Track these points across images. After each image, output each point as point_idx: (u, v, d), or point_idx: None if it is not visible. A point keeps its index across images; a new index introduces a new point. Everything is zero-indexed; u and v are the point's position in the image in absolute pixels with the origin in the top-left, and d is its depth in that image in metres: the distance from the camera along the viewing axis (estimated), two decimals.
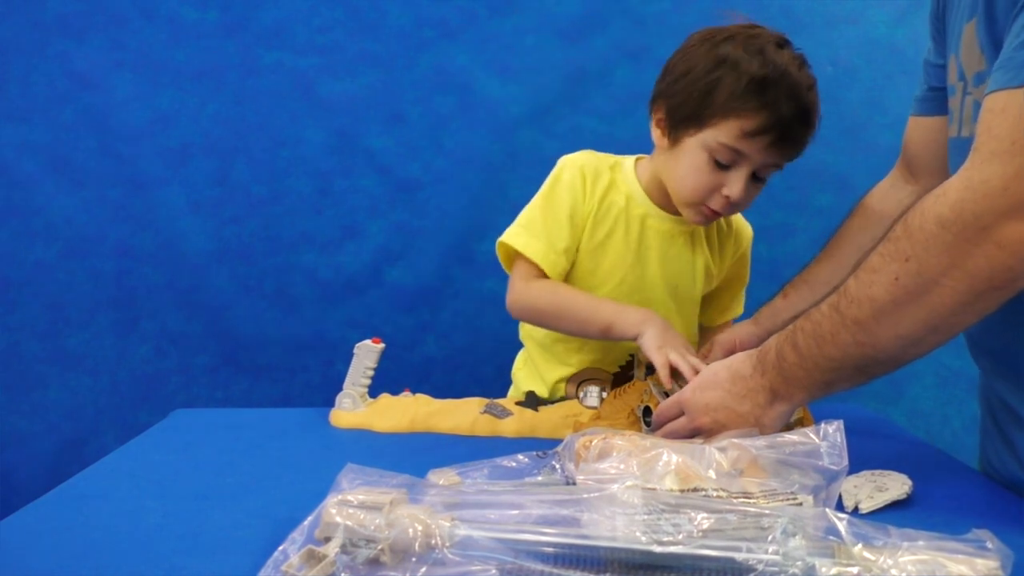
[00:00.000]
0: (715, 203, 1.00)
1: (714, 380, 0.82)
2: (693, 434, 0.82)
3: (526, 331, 1.19)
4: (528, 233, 1.06)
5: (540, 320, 1.09)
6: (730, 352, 1.02)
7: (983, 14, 0.71)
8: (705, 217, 1.03)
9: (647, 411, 0.92)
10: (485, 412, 1.00)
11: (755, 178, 1.00)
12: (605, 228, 1.08)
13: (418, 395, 1.05)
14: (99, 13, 1.52)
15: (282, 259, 1.57)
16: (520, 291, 1.06)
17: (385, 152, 1.57)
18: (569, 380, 1.12)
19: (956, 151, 0.82)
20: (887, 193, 1.05)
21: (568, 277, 1.10)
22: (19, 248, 1.52)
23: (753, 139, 0.94)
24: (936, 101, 0.93)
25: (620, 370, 1.09)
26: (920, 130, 1.00)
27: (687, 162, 0.99)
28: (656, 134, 1.05)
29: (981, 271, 0.63)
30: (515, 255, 1.08)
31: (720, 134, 0.96)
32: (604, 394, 1.02)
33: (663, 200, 1.08)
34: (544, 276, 1.06)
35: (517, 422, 0.99)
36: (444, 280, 1.58)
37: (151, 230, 1.55)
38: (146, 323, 1.56)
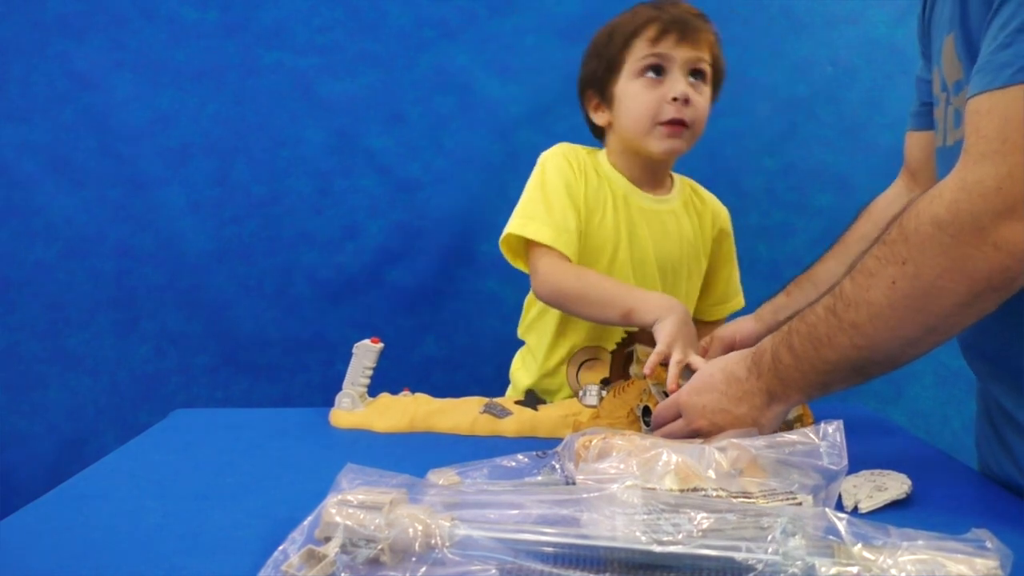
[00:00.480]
0: (668, 112, 1.05)
1: (710, 383, 0.82)
2: (691, 436, 0.82)
3: (526, 324, 1.20)
4: (534, 221, 1.07)
5: (565, 303, 1.08)
6: (729, 348, 1.02)
7: (959, 26, 0.72)
8: (669, 135, 1.06)
9: (646, 411, 0.92)
10: (484, 412, 1.00)
11: (693, 78, 1.07)
12: (596, 207, 1.11)
13: (417, 394, 1.06)
14: (99, 13, 1.52)
15: (282, 259, 1.57)
16: (544, 274, 1.07)
17: (385, 152, 1.57)
18: (569, 362, 1.13)
19: (943, 160, 0.82)
20: (893, 200, 1.05)
21: None
22: (19, 248, 1.53)
23: (661, 42, 1.05)
24: (930, 115, 0.93)
25: (617, 347, 1.10)
26: (918, 144, 1.01)
27: (628, 99, 1.08)
28: (599, 117, 1.14)
29: (979, 272, 0.63)
30: (528, 245, 1.09)
31: (636, 56, 1.07)
32: (604, 393, 1.02)
33: (638, 178, 1.14)
34: (562, 259, 1.07)
35: (517, 421, 0.99)
36: (444, 280, 1.58)
37: (151, 230, 1.55)
38: (146, 323, 1.56)
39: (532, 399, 1.04)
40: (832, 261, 1.06)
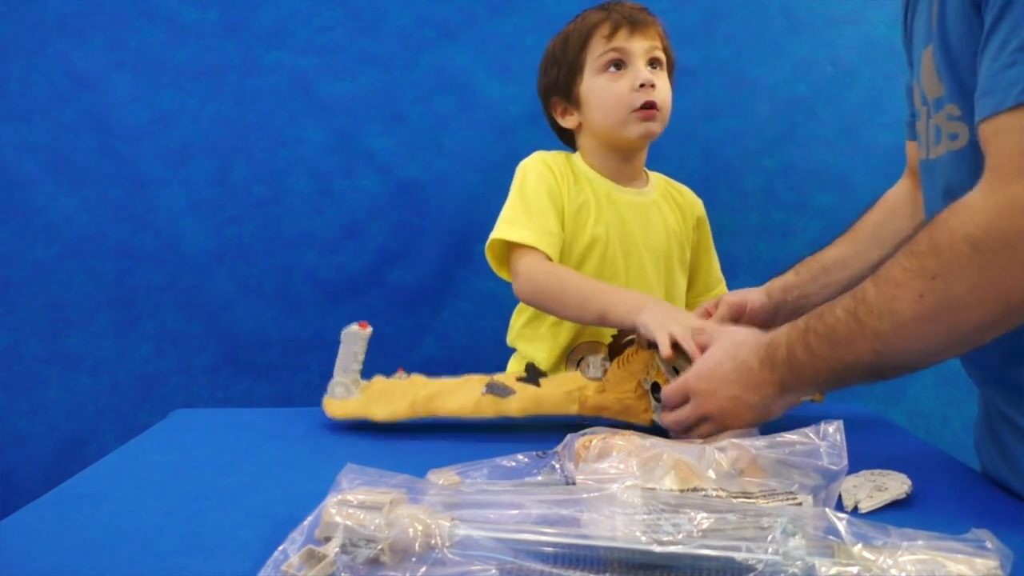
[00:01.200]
0: (639, 98, 1.09)
1: (719, 371, 0.82)
2: (700, 420, 0.83)
3: (515, 332, 1.20)
4: (517, 225, 1.09)
5: (545, 303, 1.08)
6: (738, 313, 1.02)
7: (938, 40, 0.72)
8: (643, 120, 1.10)
9: (655, 387, 0.92)
10: (487, 392, 0.96)
11: (651, 67, 1.12)
12: (581, 207, 1.13)
13: (413, 375, 1.02)
14: (99, 13, 1.52)
15: (282, 259, 1.57)
16: (524, 274, 1.07)
17: (385, 152, 1.57)
18: (568, 360, 1.13)
19: (926, 172, 0.82)
20: (904, 196, 1.05)
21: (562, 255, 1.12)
22: (19, 248, 1.52)
23: (616, 36, 1.11)
24: None
25: (614, 339, 1.11)
26: (917, 152, 1.01)
27: (597, 94, 1.12)
28: (568, 120, 1.17)
29: (1013, 292, 0.62)
30: (511, 249, 1.10)
31: (595, 54, 1.12)
32: (607, 364, 0.99)
33: (615, 174, 1.16)
34: (543, 259, 1.07)
35: (521, 400, 0.95)
36: (444, 280, 1.58)
37: (151, 230, 1.55)
38: (146, 323, 1.55)
39: (533, 372, 1.00)
40: (842, 247, 1.05)
